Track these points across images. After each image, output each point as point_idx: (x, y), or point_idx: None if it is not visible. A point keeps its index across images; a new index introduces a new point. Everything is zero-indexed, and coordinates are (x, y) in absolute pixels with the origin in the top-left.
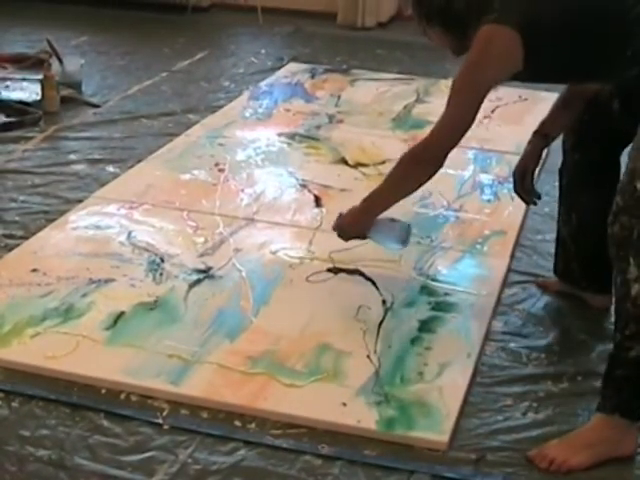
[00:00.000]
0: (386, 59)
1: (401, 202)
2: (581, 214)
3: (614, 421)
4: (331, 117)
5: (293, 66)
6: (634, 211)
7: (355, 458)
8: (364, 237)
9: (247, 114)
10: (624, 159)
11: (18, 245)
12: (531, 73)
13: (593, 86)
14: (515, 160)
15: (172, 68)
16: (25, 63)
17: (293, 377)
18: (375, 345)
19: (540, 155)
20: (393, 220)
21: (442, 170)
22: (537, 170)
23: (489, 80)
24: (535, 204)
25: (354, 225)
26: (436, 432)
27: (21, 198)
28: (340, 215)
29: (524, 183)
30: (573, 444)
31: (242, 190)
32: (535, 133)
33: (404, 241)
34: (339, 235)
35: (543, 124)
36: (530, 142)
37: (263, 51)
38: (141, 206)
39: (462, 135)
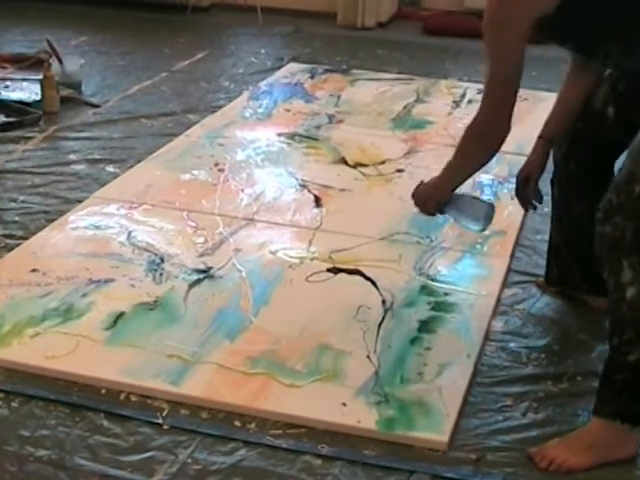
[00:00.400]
0: (386, 59)
1: (400, 203)
2: (577, 220)
3: (615, 426)
4: (331, 117)
5: (293, 66)
6: (629, 213)
7: (355, 458)
8: (441, 212)
9: (247, 114)
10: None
11: (18, 245)
12: (560, 22)
13: (589, 81)
14: (515, 160)
15: (172, 68)
16: (25, 63)
17: (293, 377)
18: (375, 345)
19: (545, 161)
20: (475, 198)
21: None
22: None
23: (521, 11)
24: (535, 209)
25: (428, 199)
26: (436, 432)
27: (21, 198)
28: (420, 184)
29: (527, 189)
30: (573, 445)
31: (242, 190)
32: (539, 138)
33: (483, 221)
34: (417, 205)
35: (546, 128)
36: (535, 148)
37: (263, 51)
38: (141, 206)
39: (517, 83)
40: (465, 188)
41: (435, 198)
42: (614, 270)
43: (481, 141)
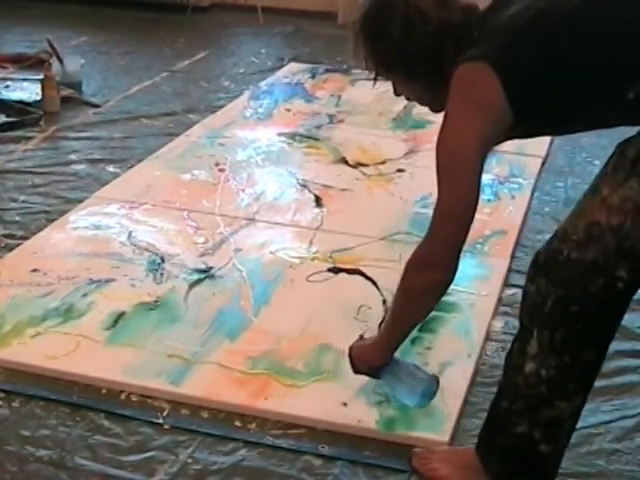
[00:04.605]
0: None
1: (401, 203)
2: None
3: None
4: (331, 117)
5: (293, 66)
6: (554, 277)
7: (355, 458)
8: (374, 377)
9: (247, 114)
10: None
11: (18, 245)
12: (525, 125)
13: None
14: (516, 160)
15: (172, 68)
16: (25, 63)
17: (293, 377)
18: None
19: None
20: (418, 368)
21: None
22: (540, 169)
23: (480, 139)
24: None
25: (362, 361)
26: (436, 432)
27: (21, 198)
28: (360, 337)
29: None
30: (453, 459)
31: (242, 190)
32: None
33: (420, 398)
34: (350, 364)
35: None
36: None
37: (263, 51)
38: (141, 206)
39: (467, 222)
40: None
41: (370, 362)
42: (523, 336)
43: (432, 271)
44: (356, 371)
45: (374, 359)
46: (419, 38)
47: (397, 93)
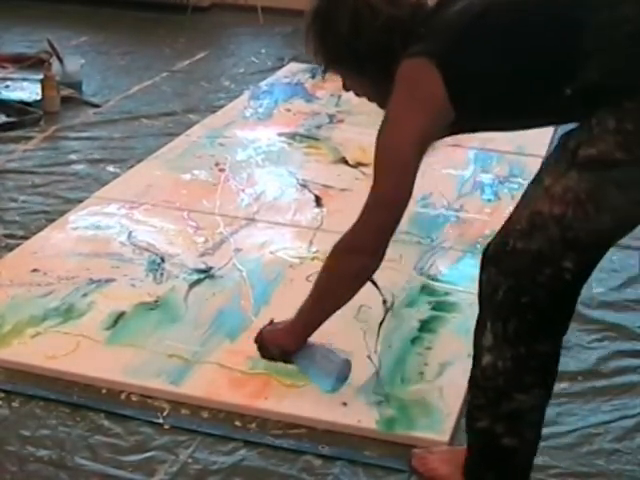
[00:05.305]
0: None
1: None
2: None
3: None
4: (331, 117)
5: (293, 66)
6: (503, 267)
7: (355, 458)
8: (286, 361)
9: (247, 114)
10: None
11: (18, 245)
12: (465, 119)
13: None
14: (516, 160)
15: (172, 68)
16: (25, 63)
17: (293, 377)
18: (375, 345)
19: None
20: (331, 352)
21: (443, 170)
22: None
23: (420, 133)
24: None
25: (275, 346)
26: (437, 432)
27: (21, 198)
28: (269, 323)
29: None
30: (452, 459)
31: (242, 190)
32: None
33: (335, 381)
34: (259, 349)
35: None
36: None
37: (263, 51)
38: (141, 206)
39: (400, 212)
40: (466, 188)
41: (282, 346)
42: (479, 328)
43: (357, 256)
44: (265, 356)
45: (288, 344)
46: (367, 33)
47: (347, 88)
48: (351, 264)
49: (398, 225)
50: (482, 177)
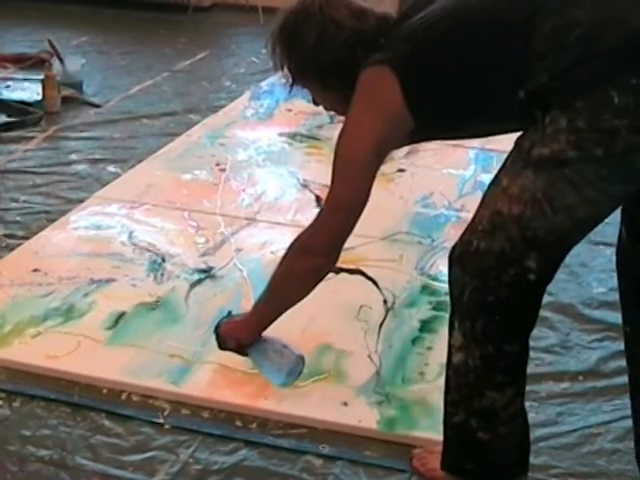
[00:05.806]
0: None
1: (402, 203)
2: None
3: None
4: (332, 117)
5: None
6: (468, 267)
7: (356, 458)
8: (241, 354)
9: (248, 114)
10: None
11: (19, 245)
12: (424, 127)
13: None
14: None
15: (173, 68)
16: (26, 63)
17: None
18: (376, 345)
19: None
20: (286, 347)
21: (444, 170)
22: None
23: (377, 140)
24: None
25: (230, 338)
26: (437, 432)
27: (22, 198)
28: (227, 315)
29: None
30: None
31: (243, 190)
32: None
33: (285, 376)
34: (216, 340)
35: None
36: None
37: (264, 51)
38: (142, 206)
39: (356, 217)
40: (467, 188)
41: (239, 340)
42: (450, 328)
43: (312, 257)
44: (223, 347)
45: (243, 336)
46: (332, 48)
47: (316, 103)
48: (304, 264)
49: (353, 229)
50: (483, 177)
